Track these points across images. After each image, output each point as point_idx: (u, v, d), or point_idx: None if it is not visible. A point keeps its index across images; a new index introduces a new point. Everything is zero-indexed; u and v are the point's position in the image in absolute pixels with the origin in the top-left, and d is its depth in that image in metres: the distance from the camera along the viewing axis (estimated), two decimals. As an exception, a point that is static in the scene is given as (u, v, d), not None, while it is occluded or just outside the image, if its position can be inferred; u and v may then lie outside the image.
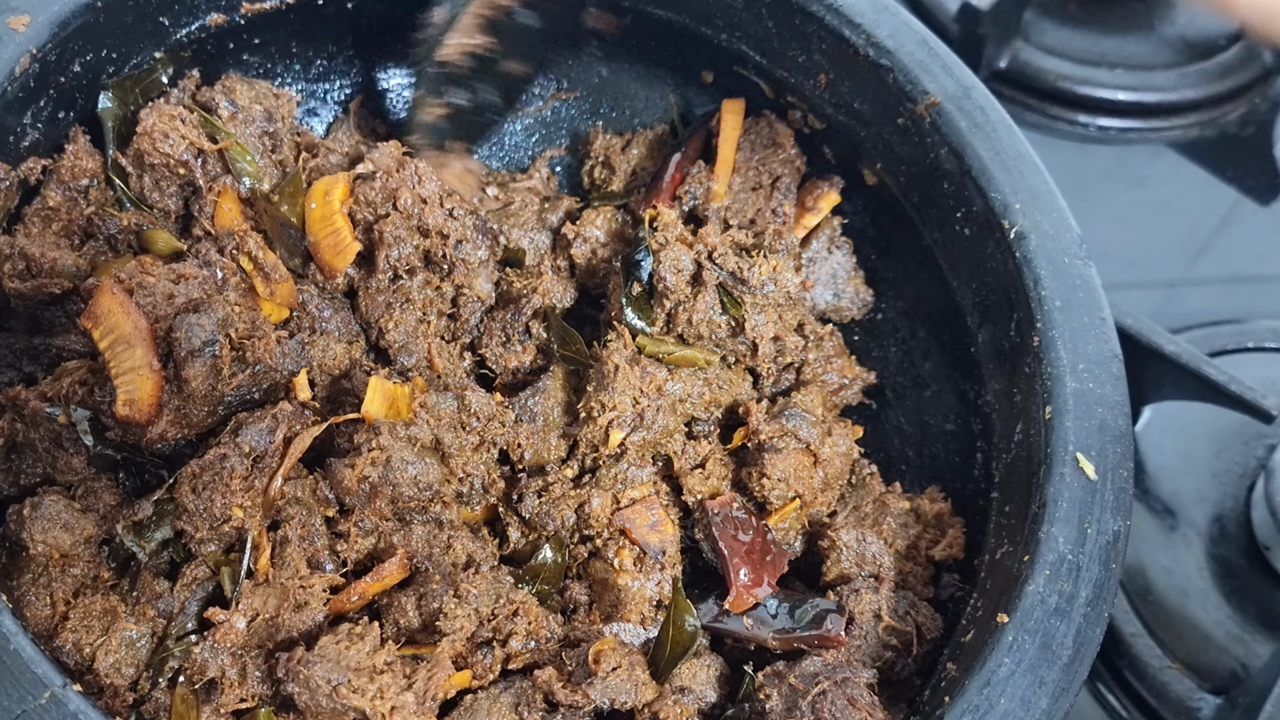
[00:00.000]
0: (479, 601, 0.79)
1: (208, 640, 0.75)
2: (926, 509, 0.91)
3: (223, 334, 0.80)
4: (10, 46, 0.82)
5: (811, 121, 1.03)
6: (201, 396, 0.80)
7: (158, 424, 0.79)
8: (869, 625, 0.84)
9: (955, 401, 0.96)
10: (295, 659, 0.72)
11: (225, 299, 0.84)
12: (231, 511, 0.78)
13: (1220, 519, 1.09)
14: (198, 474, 0.78)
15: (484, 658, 0.78)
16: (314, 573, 0.78)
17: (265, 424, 0.80)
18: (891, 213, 1.00)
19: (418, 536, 0.81)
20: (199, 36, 0.95)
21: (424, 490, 0.82)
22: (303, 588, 0.77)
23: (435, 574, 0.81)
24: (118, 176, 0.92)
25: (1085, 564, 0.77)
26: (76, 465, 0.81)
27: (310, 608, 0.77)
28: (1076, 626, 0.75)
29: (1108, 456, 0.81)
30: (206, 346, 0.79)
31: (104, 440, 0.81)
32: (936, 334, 0.98)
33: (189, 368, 0.79)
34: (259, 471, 0.79)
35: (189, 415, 0.81)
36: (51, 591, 0.77)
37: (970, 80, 0.96)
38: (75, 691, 0.64)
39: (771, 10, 0.99)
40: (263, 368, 0.83)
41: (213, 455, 0.78)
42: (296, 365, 0.85)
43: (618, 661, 0.77)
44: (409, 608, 0.79)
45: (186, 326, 0.79)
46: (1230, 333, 1.19)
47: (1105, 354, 0.85)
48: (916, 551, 0.89)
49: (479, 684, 0.78)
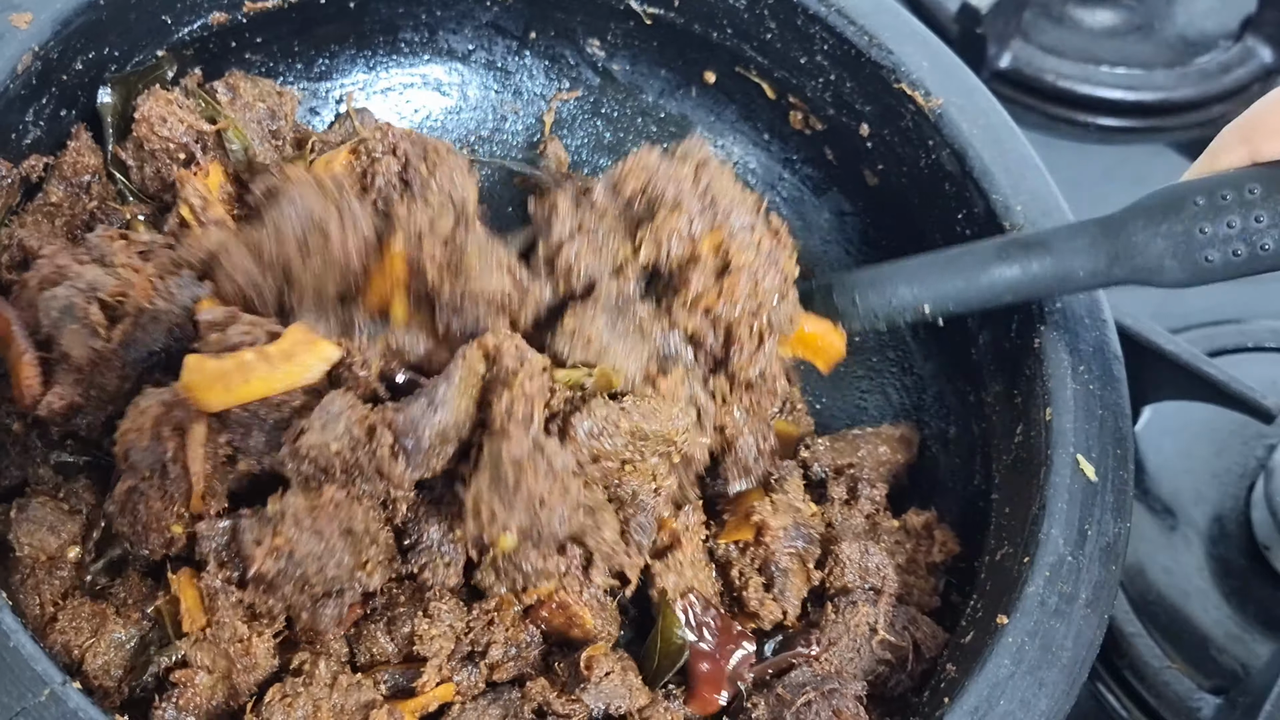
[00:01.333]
0: (451, 617, 0.77)
1: (169, 701, 0.73)
2: (913, 522, 0.90)
3: (84, 297, 0.78)
4: (13, 44, 0.82)
5: (813, 122, 1.03)
6: (90, 362, 0.77)
7: (46, 397, 0.77)
8: (863, 638, 0.83)
9: (956, 403, 0.96)
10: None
11: (94, 265, 0.81)
12: (171, 531, 0.76)
13: (1220, 519, 1.09)
14: (120, 508, 0.76)
15: (469, 675, 0.77)
16: (253, 631, 0.75)
17: (146, 440, 0.75)
18: (893, 214, 1.00)
19: (329, 615, 0.76)
20: (201, 35, 0.95)
21: (334, 578, 0.75)
22: (245, 653, 0.74)
23: (400, 596, 0.79)
24: (118, 170, 0.92)
25: (1085, 565, 0.77)
26: (44, 475, 0.81)
27: (260, 668, 0.75)
28: (1076, 628, 0.75)
29: (1108, 458, 0.81)
30: (65, 313, 0.77)
31: (54, 444, 0.81)
32: (936, 336, 0.98)
33: (62, 338, 0.77)
34: (176, 486, 0.76)
35: (98, 385, 0.78)
36: (40, 593, 0.77)
37: (973, 82, 0.96)
38: (75, 689, 0.64)
39: (774, 11, 0.99)
40: (147, 315, 0.79)
41: (123, 489, 0.76)
42: (191, 297, 0.80)
43: (610, 667, 0.77)
44: (379, 636, 0.78)
45: (43, 301, 0.78)
46: (1230, 333, 1.18)
47: (1105, 356, 0.85)
48: (916, 564, 0.88)
49: (462, 699, 0.77)
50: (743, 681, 0.81)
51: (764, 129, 1.08)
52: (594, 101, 1.11)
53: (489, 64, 1.09)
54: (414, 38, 1.06)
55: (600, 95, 1.11)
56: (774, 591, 0.85)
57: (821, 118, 1.02)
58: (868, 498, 0.90)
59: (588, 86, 1.10)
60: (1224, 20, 1.42)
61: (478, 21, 1.07)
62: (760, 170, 1.09)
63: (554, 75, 1.10)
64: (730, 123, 1.09)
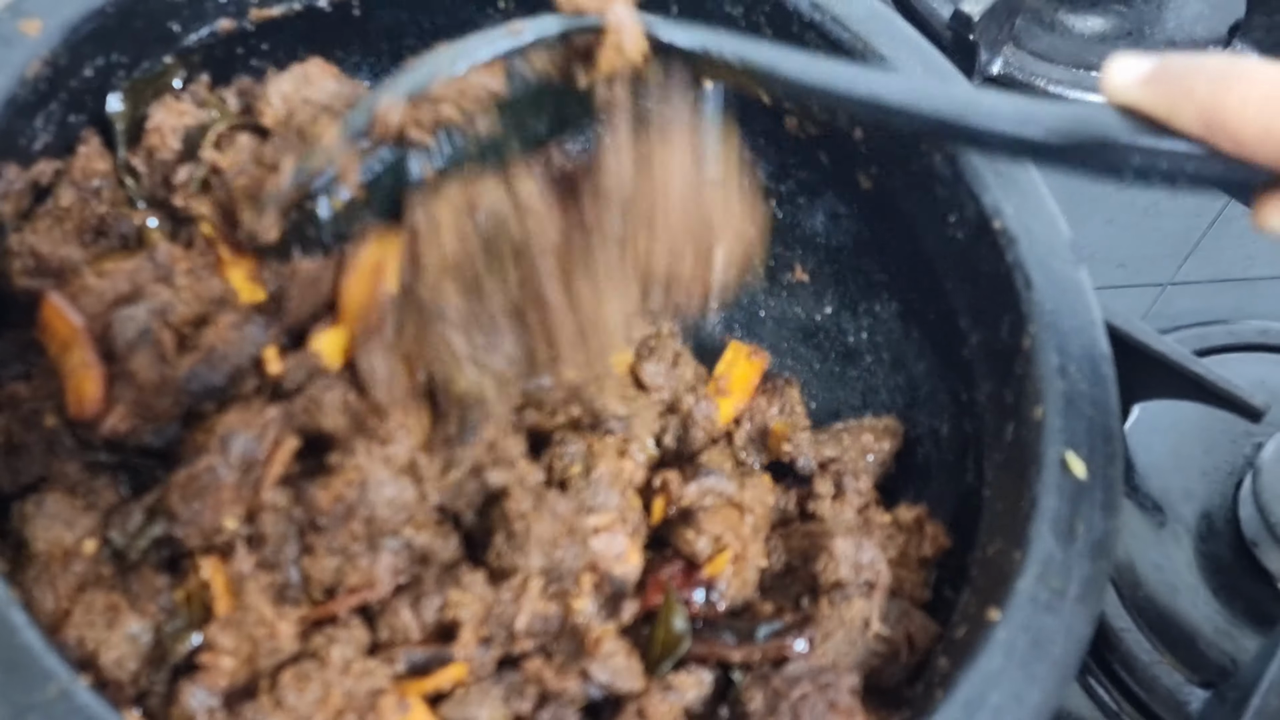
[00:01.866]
0: (481, 589, 0.79)
1: (196, 685, 0.75)
2: (904, 516, 0.92)
3: (159, 321, 0.80)
4: (21, 50, 0.84)
5: (808, 127, 1.05)
6: (154, 386, 0.80)
7: (110, 417, 0.79)
8: (858, 631, 0.85)
9: (949, 401, 0.98)
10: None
11: (166, 285, 0.83)
12: (223, 523, 0.78)
13: (1209, 516, 1.10)
14: (186, 484, 0.78)
15: (483, 654, 0.79)
16: (279, 614, 0.76)
17: (254, 432, 0.79)
18: (886, 218, 1.02)
19: (384, 564, 0.80)
20: (209, 42, 0.96)
21: (398, 512, 0.80)
22: (270, 636, 0.76)
23: (426, 576, 0.81)
24: (129, 176, 0.93)
25: (1075, 561, 0.78)
26: (70, 471, 0.82)
27: (283, 651, 0.76)
28: (1066, 623, 0.76)
29: (1097, 456, 0.82)
30: (142, 336, 0.79)
31: (90, 446, 0.82)
32: (930, 336, 1.00)
33: (132, 359, 0.79)
34: (247, 481, 0.79)
35: (150, 406, 0.80)
36: (55, 588, 0.78)
37: (964, 87, 0.98)
38: (84, 685, 0.64)
39: (770, 18, 1.01)
40: (218, 354, 0.82)
41: (202, 465, 0.78)
42: (256, 347, 0.84)
43: (614, 648, 0.78)
44: (403, 611, 0.79)
45: (120, 320, 0.80)
46: (1219, 332, 1.19)
47: (1095, 356, 0.87)
48: (907, 557, 0.90)
49: (474, 679, 0.78)
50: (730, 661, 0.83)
51: (759, 134, 1.09)
52: (592, 107, 1.12)
53: (490, 71, 1.10)
54: (417, 45, 1.07)
55: (599, 101, 1.12)
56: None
57: (816, 123, 1.03)
58: (855, 490, 0.92)
59: (586, 91, 1.11)
60: (1213, 26, 1.44)
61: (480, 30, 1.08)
62: (757, 174, 1.10)
63: (554, 80, 1.11)
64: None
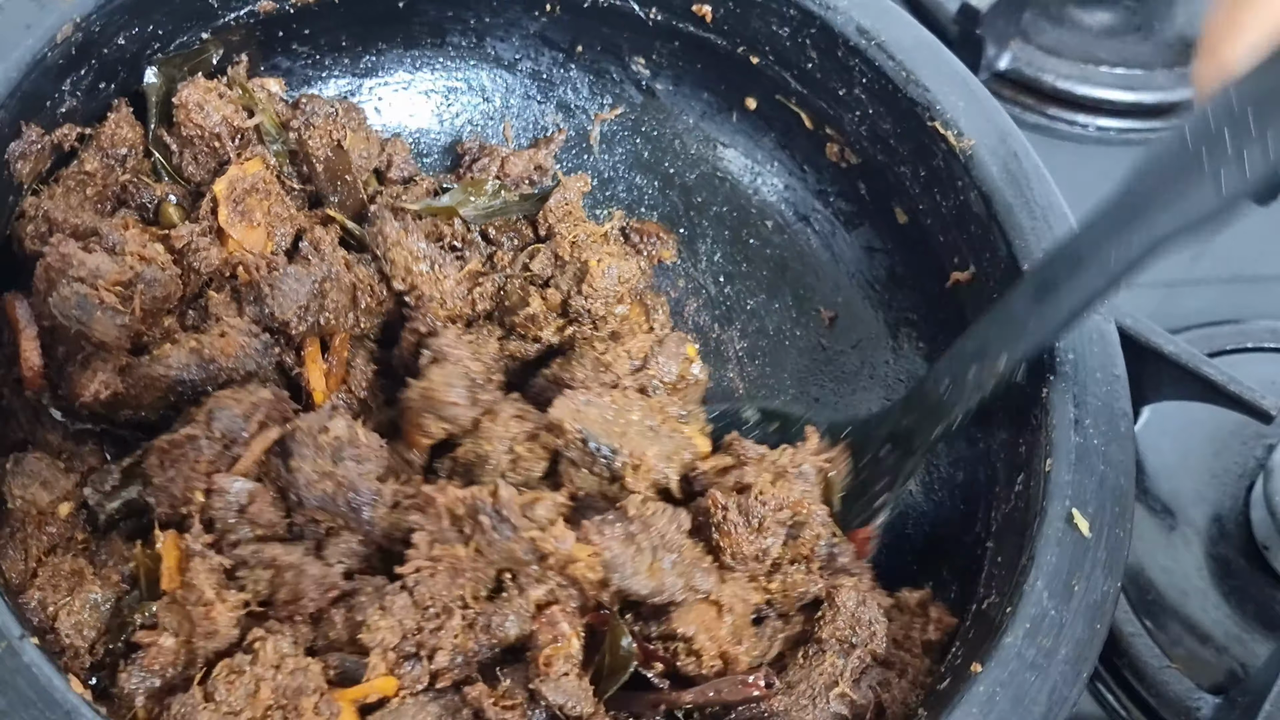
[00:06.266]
0: (404, 614, 0.76)
1: (134, 664, 0.74)
2: (907, 598, 0.87)
3: (88, 286, 0.80)
4: (53, 13, 0.84)
5: (848, 156, 1.03)
6: (129, 339, 0.81)
7: (103, 390, 0.81)
8: (820, 689, 0.80)
9: (965, 448, 0.95)
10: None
11: (103, 253, 0.83)
12: (193, 495, 0.78)
13: (1219, 519, 1.08)
14: (167, 450, 0.78)
15: (413, 670, 0.76)
16: (220, 597, 0.75)
17: (242, 410, 0.79)
18: (919, 253, 0.99)
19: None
20: (247, 22, 0.97)
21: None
22: (207, 618, 0.75)
23: (368, 587, 0.79)
24: (159, 150, 0.94)
25: (1069, 621, 0.75)
26: (52, 440, 0.83)
27: (220, 636, 0.75)
28: (1052, 683, 0.73)
29: (1104, 514, 0.79)
30: (83, 308, 0.79)
31: (75, 415, 0.82)
32: (953, 377, 0.97)
33: (92, 329, 0.80)
34: (225, 458, 0.79)
35: (139, 396, 0.82)
36: (26, 548, 0.78)
37: (1007, 126, 0.95)
38: (32, 643, 0.64)
39: (815, 41, 0.99)
40: (217, 364, 0.84)
41: (184, 434, 0.78)
42: (269, 362, 0.88)
43: (567, 668, 0.76)
44: (338, 620, 0.78)
45: (57, 305, 0.80)
46: (1229, 333, 1.17)
47: (1114, 411, 0.84)
48: (910, 640, 0.86)
49: (403, 694, 0.76)
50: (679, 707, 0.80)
51: (801, 159, 1.07)
52: (635, 119, 1.11)
53: (534, 74, 1.10)
54: (461, 42, 1.08)
55: (642, 114, 1.11)
56: None
57: (857, 151, 1.02)
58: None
59: (630, 104, 1.11)
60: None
61: (525, 31, 1.08)
62: (795, 201, 1.08)
63: (598, 90, 1.11)
64: (768, 150, 1.08)
